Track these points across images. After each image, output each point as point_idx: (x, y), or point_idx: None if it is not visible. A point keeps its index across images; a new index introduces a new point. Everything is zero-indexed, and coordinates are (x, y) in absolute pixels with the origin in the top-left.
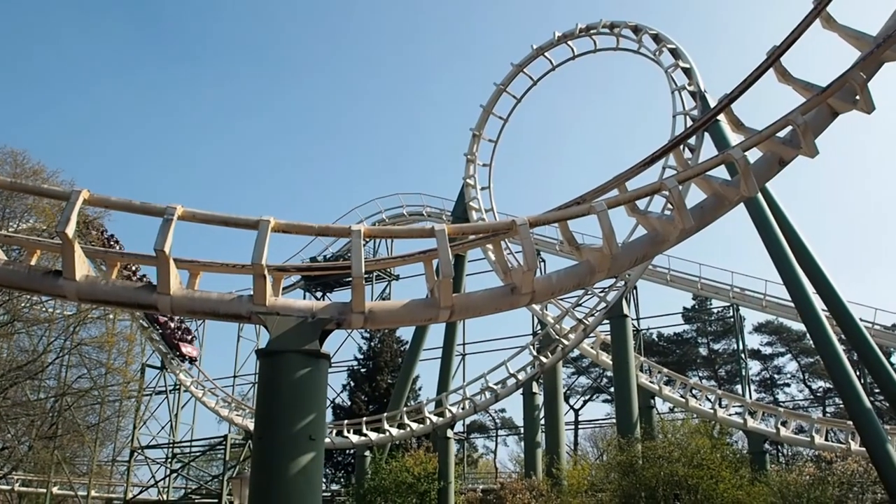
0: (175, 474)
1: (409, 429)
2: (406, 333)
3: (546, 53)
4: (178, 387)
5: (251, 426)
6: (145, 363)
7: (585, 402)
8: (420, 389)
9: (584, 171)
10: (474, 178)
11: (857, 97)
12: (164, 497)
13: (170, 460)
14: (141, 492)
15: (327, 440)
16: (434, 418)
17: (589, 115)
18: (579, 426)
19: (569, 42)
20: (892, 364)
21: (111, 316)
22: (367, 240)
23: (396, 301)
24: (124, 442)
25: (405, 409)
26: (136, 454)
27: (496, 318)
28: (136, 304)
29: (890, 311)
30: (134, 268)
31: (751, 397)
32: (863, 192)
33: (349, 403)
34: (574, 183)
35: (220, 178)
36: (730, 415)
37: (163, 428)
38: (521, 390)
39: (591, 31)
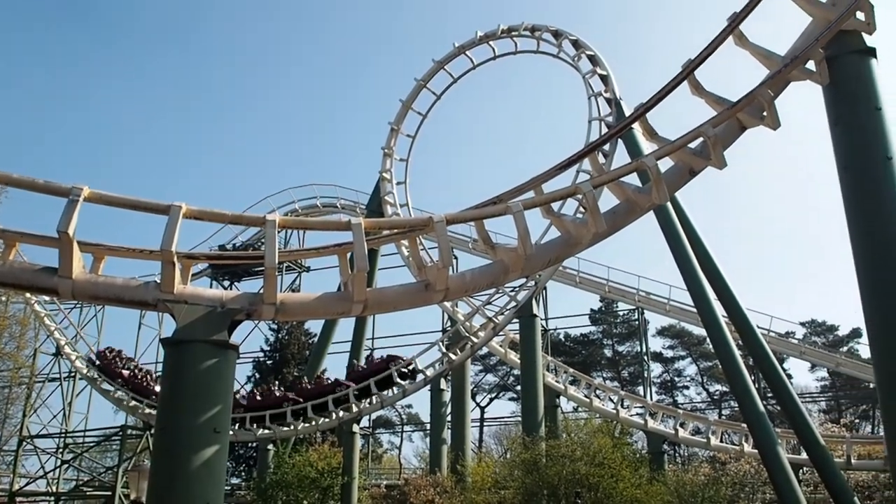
0: (66, 465)
1: (314, 423)
2: (315, 326)
3: (467, 52)
4: (72, 374)
5: (152, 416)
6: (38, 348)
7: (492, 399)
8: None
9: (501, 171)
10: (391, 172)
11: (765, 113)
12: (54, 489)
13: (61, 450)
14: (28, 483)
15: (230, 432)
16: (340, 412)
17: (508, 116)
18: (485, 423)
19: (490, 42)
20: (784, 369)
21: (3, 298)
22: (281, 230)
23: (309, 294)
24: (12, 431)
25: (311, 403)
26: (24, 443)
27: (406, 313)
28: (34, 286)
29: (784, 318)
30: None
31: (652, 399)
32: (766, 205)
33: None
34: (491, 182)
35: (140, 166)
36: (631, 415)
37: (55, 417)
38: (428, 386)
39: (513, 33)
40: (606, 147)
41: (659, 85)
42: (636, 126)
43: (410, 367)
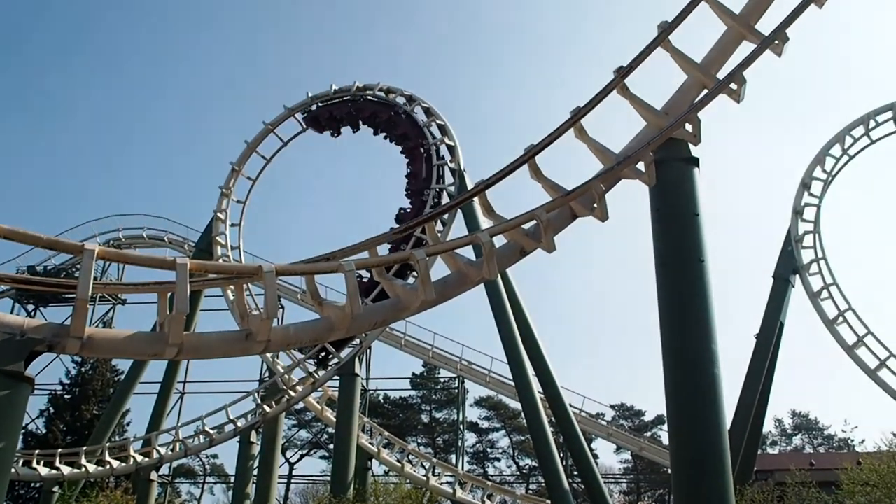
0: None
1: (109, 466)
2: (123, 363)
3: (320, 102)
4: None
5: None
6: None
7: (303, 456)
8: (129, 425)
9: (340, 224)
10: (226, 212)
11: (595, 205)
12: None
13: None
14: None
15: (11, 470)
16: (139, 457)
17: (357, 171)
18: (293, 481)
19: (345, 97)
20: (591, 449)
21: None
22: (100, 261)
23: (121, 331)
24: None
25: (108, 444)
26: None
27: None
28: None
29: (597, 400)
30: None
31: (463, 468)
32: (585, 287)
33: (45, 432)
34: (332, 235)
35: None
36: (441, 483)
37: None
38: (238, 437)
39: (367, 92)
40: (447, 216)
41: (503, 162)
42: (476, 200)
43: None
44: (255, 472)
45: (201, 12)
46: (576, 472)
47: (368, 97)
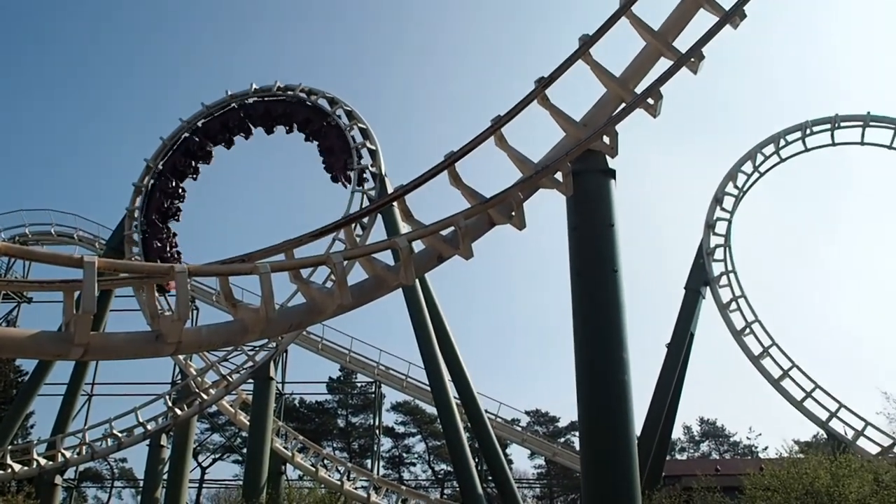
0: None
1: (10, 470)
2: (28, 363)
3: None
4: None
5: None
6: None
7: (215, 460)
8: (33, 427)
9: (258, 227)
10: (139, 210)
11: (513, 213)
12: None
13: None
14: None
15: None
16: (43, 461)
17: (272, 172)
18: (204, 485)
19: (265, 97)
20: (506, 454)
21: None
22: (3, 257)
23: (24, 330)
24: None
25: (10, 447)
26: None
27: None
28: None
29: (512, 406)
30: None
31: (378, 473)
32: (504, 294)
33: None
34: (247, 237)
35: None
36: (356, 488)
37: None
38: (147, 441)
39: (289, 92)
40: (366, 220)
41: (423, 168)
42: (395, 205)
43: None
44: (166, 477)
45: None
46: (490, 477)
47: (286, 99)
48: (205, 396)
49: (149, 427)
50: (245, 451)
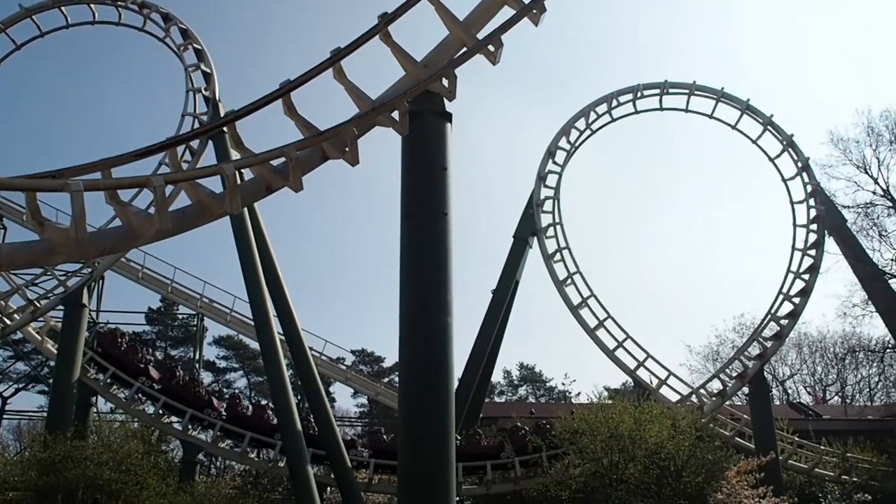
0: None
1: None
2: None
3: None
4: None
5: None
6: None
7: (18, 389)
8: None
9: (90, 143)
10: None
11: (347, 149)
12: None
13: None
14: None
15: None
16: None
17: (102, 89)
18: (6, 416)
19: (91, 5)
20: (329, 393)
21: None
22: None
23: None
24: None
25: None
26: None
27: None
28: None
29: (338, 345)
30: None
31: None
32: (337, 232)
33: None
34: (76, 151)
35: None
36: (171, 422)
37: None
38: None
39: (119, 3)
40: (196, 145)
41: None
42: (227, 131)
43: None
44: None
45: None
46: (311, 415)
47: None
48: (8, 322)
49: None
50: (52, 381)
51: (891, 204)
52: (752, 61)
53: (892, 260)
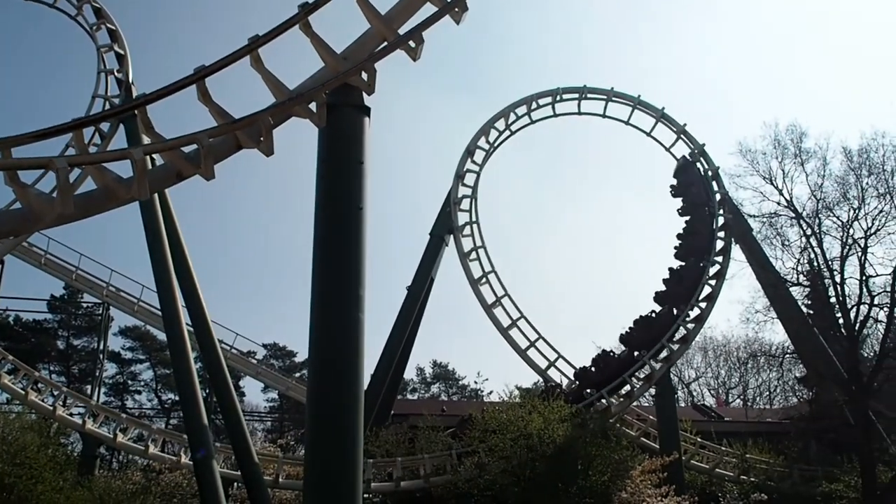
0: None
1: None
2: None
3: None
4: None
5: None
6: None
7: None
8: None
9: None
10: None
11: (262, 138)
12: None
13: None
14: None
15: None
16: None
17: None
18: None
19: None
20: (239, 387)
21: None
22: None
23: None
24: None
25: None
26: None
27: None
28: None
29: (249, 338)
30: None
31: (99, 400)
32: (252, 223)
33: None
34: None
35: None
36: (71, 414)
37: None
38: None
39: None
40: (106, 129)
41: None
42: (139, 115)
43: None
44: None
45: None
46: (219, 410)
47: None
48: None
49: None
50: None
51: (794, 215)
52: (668, 71)
53: (792, 268)
